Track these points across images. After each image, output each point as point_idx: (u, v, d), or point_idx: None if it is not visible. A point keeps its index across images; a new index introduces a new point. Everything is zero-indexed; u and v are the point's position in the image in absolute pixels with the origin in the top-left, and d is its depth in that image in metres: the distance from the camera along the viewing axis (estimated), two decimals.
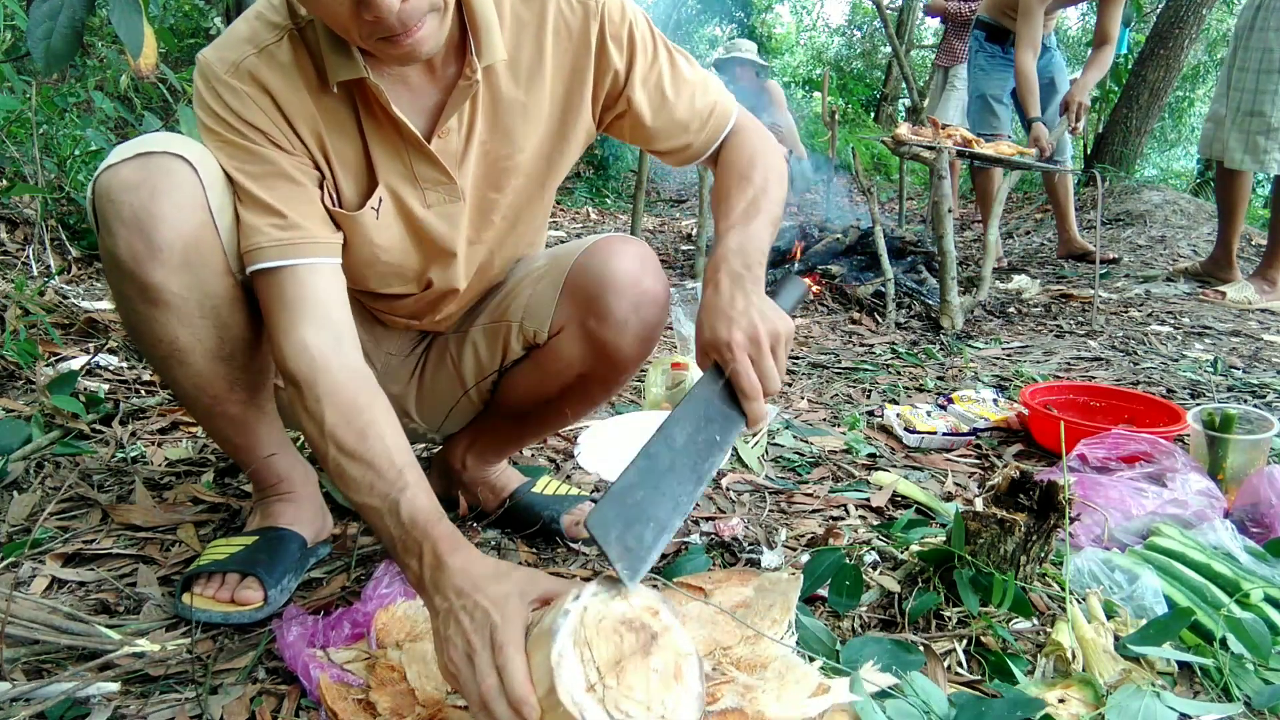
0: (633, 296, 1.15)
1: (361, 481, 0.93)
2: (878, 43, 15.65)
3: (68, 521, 1.37)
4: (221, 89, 1.00)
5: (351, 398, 0.97)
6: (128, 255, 1.00)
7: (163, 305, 1.04)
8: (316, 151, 1.06)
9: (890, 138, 3.32)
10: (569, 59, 1.13)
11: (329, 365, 0.99)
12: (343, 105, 1.05)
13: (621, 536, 0.84)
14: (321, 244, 1.05)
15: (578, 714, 0.74)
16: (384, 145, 1.08)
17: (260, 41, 1.01)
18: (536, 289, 1.25)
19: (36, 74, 2.62)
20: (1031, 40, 3.72)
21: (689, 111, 1.20)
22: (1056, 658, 1.07)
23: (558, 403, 1.33)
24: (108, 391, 1.89)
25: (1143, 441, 1.60)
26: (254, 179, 1.02)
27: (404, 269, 1.19)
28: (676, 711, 0.78)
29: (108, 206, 1.00)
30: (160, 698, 0.97)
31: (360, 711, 0.92)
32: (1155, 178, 7.59)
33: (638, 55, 1.14)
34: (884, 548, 1.36)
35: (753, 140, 1.22)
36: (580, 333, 1.20)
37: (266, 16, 1.02)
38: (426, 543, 0.88)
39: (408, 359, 1.39)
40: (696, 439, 0.94)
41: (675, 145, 1.22)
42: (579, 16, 1.11)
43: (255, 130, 1.01)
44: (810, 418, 2.13)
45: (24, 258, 2.54)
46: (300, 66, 1.02)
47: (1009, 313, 3.36)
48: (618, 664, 0.78)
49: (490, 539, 1.42)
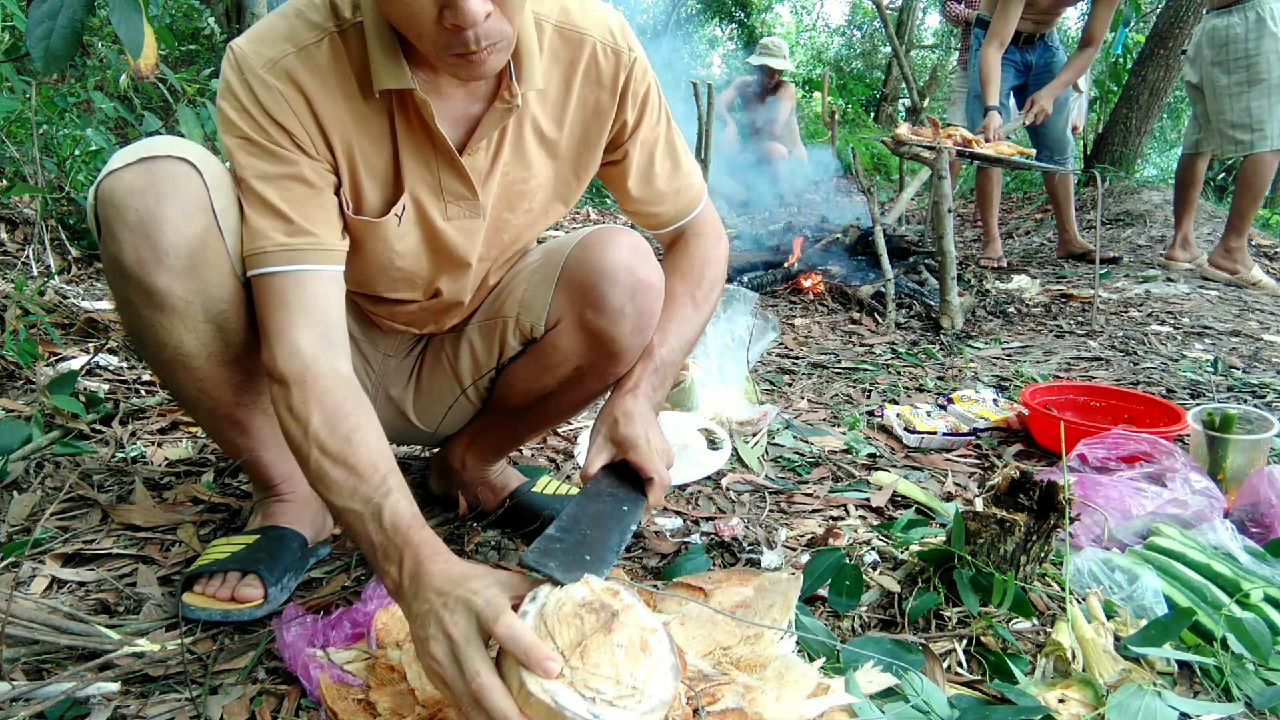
0: (628, 285, 1.16)
1: (344, 485, 0.93)
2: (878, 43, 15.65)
3: (68, 521, 1.37)
4: (256, 84, 0.98)
5: (338, 402, 0.97)
6: (133, 261, 1.00)
7: (168, 310, 1.03)
8: (343, 158, 1.05)
9: (890, 138, 3.32)
10: (594, 100, 1.16)
11: (319, 369, 0.99)
12: (379, 112, 1.05)
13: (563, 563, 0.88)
14: (327, 251, 1.05)
15: (550, 700, 0.74)
16: (415, 155, 1.08)
17: (300, 41, 0.99)
18: (531, 283, 1.26)
19: (36, 74, 2.62)
20: (1000, 33, 3.82)
21: (667, 184, 1.27)
22: (1056, 658, 1.07)
23: (556, 397, 1.33)
24: (108, 391, 1.89)
25: (1143, 441, 1.60)
26: (268, 180, 1.01)
27: (415, 277, 1.20)
28: (649, 682, 0.78)
29: (111, 212, 0.99)
30: (160, 698, 0.97)
31: (360, 711, 0.92)
32: (1155, 178, 7.58)
33: (646, 115, 1.20)
34: (884, 548, 1.36)
35: (707, 244, 1.32)
36: (577, 324, 1.21)
37: (307, 15, 1.00)
38: (407, 549, 0.87)
39: (405, 360, 1.39)
40: (608, 512, 1.03)
41: (645, 209, 1.29)
42: (611, 64, 1.14)
43: (282, 131, 1.00)
44: (810, 418, 2.13)
45: (24, 258, 2.54)
46: (338, 71, 1.01)
47: (1009, 313, 3.36)
48: (580, 645, 0.78)
49: (490, 539, 1.42)
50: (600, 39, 1.12)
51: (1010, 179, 6.47)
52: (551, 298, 1.23)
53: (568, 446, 1.85)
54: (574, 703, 0.74)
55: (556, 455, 1.83)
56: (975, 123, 4.17)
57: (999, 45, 3.83)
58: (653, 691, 0.78)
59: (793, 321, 3.22)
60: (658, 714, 0.77)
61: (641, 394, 1.16)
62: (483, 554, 1.38)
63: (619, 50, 1.14)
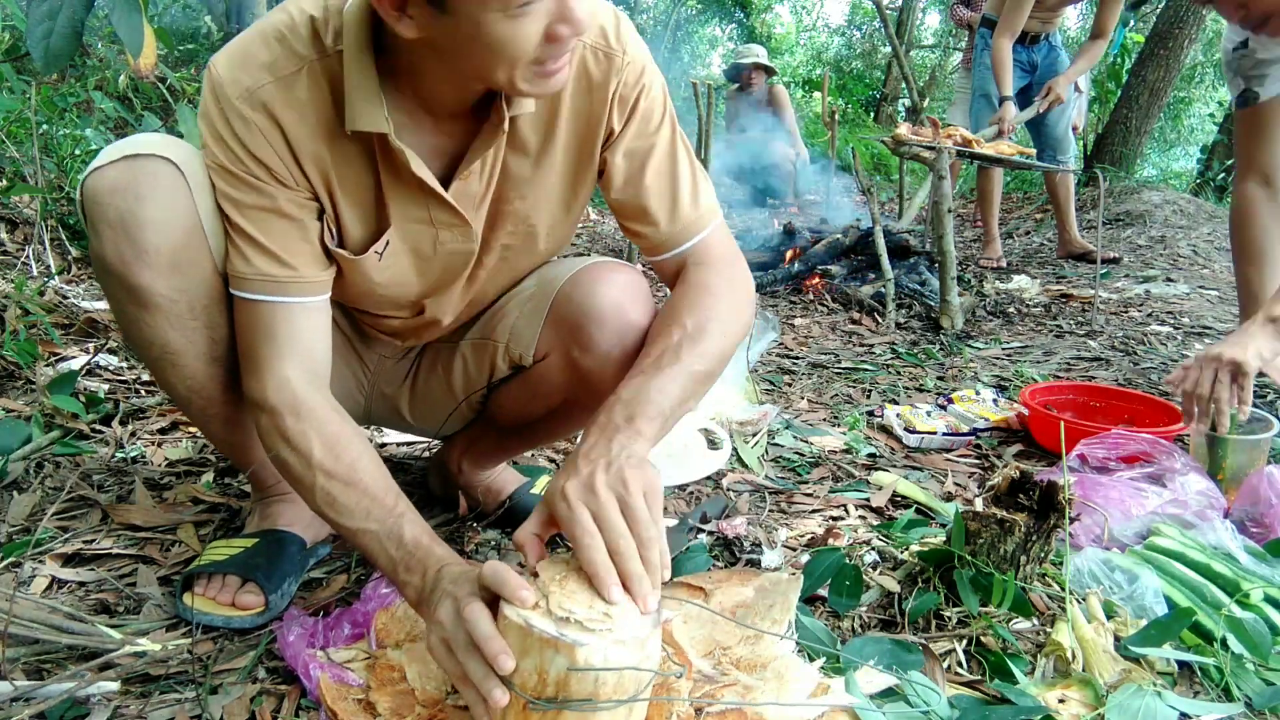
0: (616, 328, 1.12)
1: (356, 508, 0.96)
2: (878, 43, 15.66)
3: (68, 521, 1.37)
4: (231, 115, 0.95)
5: (336, 434, 1.00)
6: (115, 258, 0.99)
7: (152, 308, 1.03)
8: (322, 191, 1.03)
9: (890, 138, 3.32)
10: (585, 106, 1.06)
11: (312, 402, 1.01)
12: (358, 149, 1.01)
13: None
14: (310, 283, 1.03)
15: (522, 622, 0.78)
16: (400, 190, 1.05)
17: (279, 71, 0.95)
18: (523, 311, 1.23)
19: (36, 74, 2.62)
20: (1012, 24, 3.83)
21: (659, 202, 1.11)
22: (1056, 658, 1.07)
23: (546, 423, 1.34)
24: (108, 391, 1.89)
25: (1143, 441, 1.60)
26: (245, 213, 0.99)
27: (400, 300, 1.18)
28: (622, 617, 0.80)
29: (94, 209, 0.99)
30: (160, 698, 0.97)
31: (360, 711, 0.92)
32: (1155, 178, 7.59)
33: (633, 123, 1.08)
34: (884, 548, 1.36)
35: (712, 279, 1.10)
36: (564, 361, 1.18)
37: (290, 43, 0.95)
38: (430, 559, 0.92)
39: (401, 362, 1.38)
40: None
41: (635, 228, 1.15)
42: (602, 69, 1.04)
43: (259, 164, 0.97)
44: (810, 418, 2.13)
45: (24, 258, 2.54)
46: (317, 103, 0.97)
47: (1009, 313, 3.36)
48: (562, 578, 0.84)
49: (490, 539, 1.42)
50: (591, 42, 1.03)
51: (1010, 179, 6.47)
52: (540, 331, 1.20)
53: (568, 447, 1.85)
54: (543, 624, 0.78)
55: (557, 455, 1.83)
56: (982, 122, 4.16)
57: (1010, 36, 3.85)
58: (625, 625, 0.79)
59: (793, 321, 3.22)
60: (629, 649, 0.78)
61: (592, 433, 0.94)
62: (483, 554, 1.38)
63: (611, 53, 1.04)
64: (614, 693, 0.78)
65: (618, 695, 0.78)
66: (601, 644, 0.77)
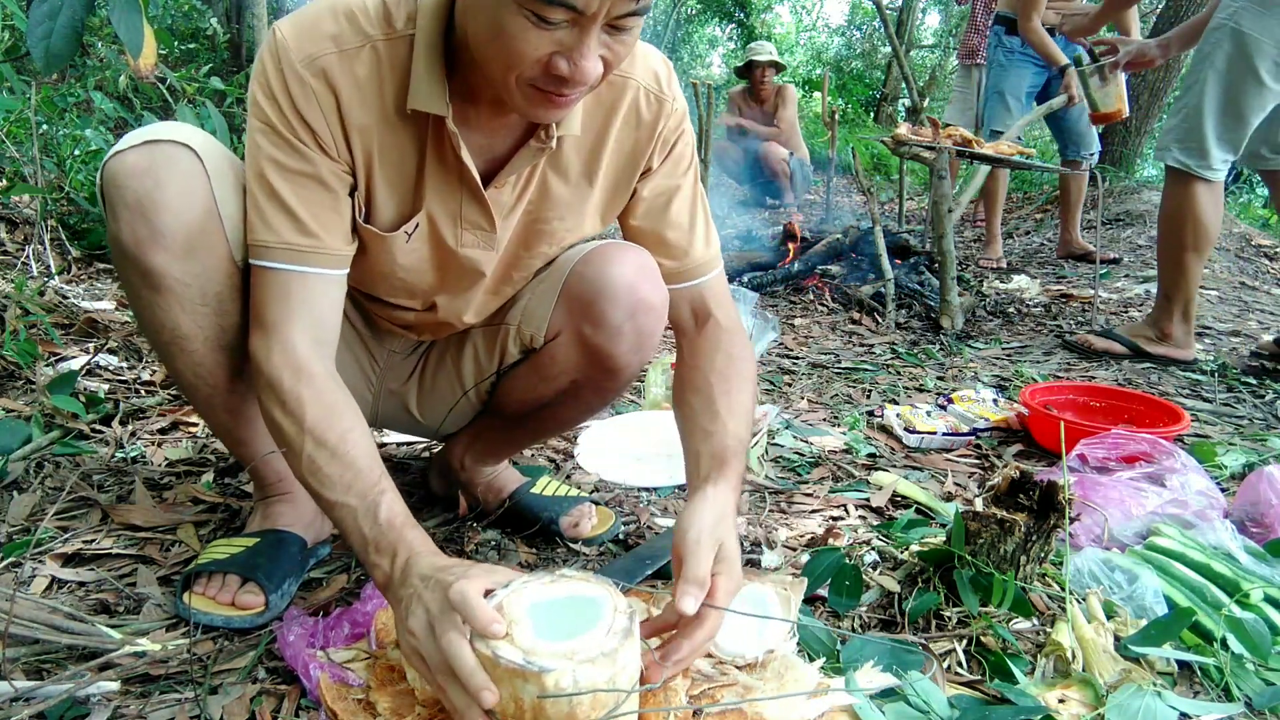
0: (628, 304, 1.15)
1: (339, 480, 0.95)
2: (878, 43, 15.66)
3: (68, 521, 1.37)
4: (290, 76, 0.97)
5: (332, 403, 1.00)
6: (130, 240, 1.01)
7: (165, 291, 1.04)
8: (361, 167, 1.05)
9: (890, 138, 3.31)
10: (630, 144, 1.14)
11: (313, 369, 1.01)
12: (410, 129, 1.04)
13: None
14: (332, 256, 1.05)
15: (490, 653, 0.78)
16: (440, 178, 1.07)
17: (344, 44, 0.98)
18: (535, 292, 1.25)
19: (36, 74, 2.62)
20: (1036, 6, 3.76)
21: (677, 235, 1.20)
22: (1056, 658, 1.07)
23: (553, 409, 1.33)
24: (108, 391, 1.89)
25: (1143, 441, 1.60)
26: (285, 173, 1.01)
27: (416, 289, 1.20)
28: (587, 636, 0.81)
29: (113, 191, 1.01)
30: (160, 698, 0.97)
31: (360, 711, 0.92)
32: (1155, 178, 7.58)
33: (668, 163, 1.18)
34: (884, 548, 1.36)
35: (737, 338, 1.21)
36: (576, 338, 1.20)
37: (358, 21, 0.98)
38: (401, 544, 0.92)
39: (409, 357, 1.39)
40: None
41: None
42: (653, 110, 1.12)
43: (307, 128, 0.99)
44: (810, 418, 2.13)
45: (24, 258, 2.54)
46: (373, 82, 1.00)
47: (1009, 313, 3.36)
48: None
49: (490, 539, 1.42)
50: (645, 84, 1.11)
51: (1012, 180, 6.46)
52: (553, 309, 1.22)
53: (568, 447, 1.85)
54: (511, 653, 0.78)
55: (557, 455, 1.83)
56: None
57: (1037, 17, 3.80)
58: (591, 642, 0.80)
59: (793, 321, 3.22)
60: (599, 666, 0.78)
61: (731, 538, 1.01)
62: (483, 554, 1.38)
63: (662, 99, 1.12)
64: (591, 711, 0.78)
65: (595, 713, 0.78)
66: (569, 666, 0.77)
